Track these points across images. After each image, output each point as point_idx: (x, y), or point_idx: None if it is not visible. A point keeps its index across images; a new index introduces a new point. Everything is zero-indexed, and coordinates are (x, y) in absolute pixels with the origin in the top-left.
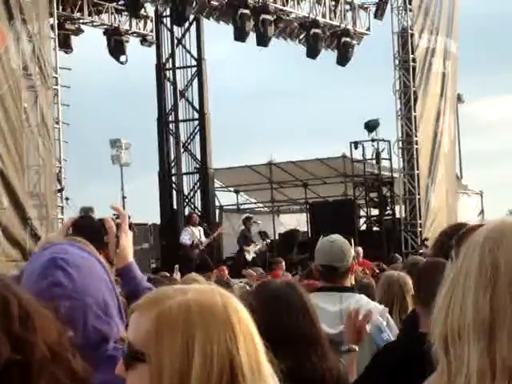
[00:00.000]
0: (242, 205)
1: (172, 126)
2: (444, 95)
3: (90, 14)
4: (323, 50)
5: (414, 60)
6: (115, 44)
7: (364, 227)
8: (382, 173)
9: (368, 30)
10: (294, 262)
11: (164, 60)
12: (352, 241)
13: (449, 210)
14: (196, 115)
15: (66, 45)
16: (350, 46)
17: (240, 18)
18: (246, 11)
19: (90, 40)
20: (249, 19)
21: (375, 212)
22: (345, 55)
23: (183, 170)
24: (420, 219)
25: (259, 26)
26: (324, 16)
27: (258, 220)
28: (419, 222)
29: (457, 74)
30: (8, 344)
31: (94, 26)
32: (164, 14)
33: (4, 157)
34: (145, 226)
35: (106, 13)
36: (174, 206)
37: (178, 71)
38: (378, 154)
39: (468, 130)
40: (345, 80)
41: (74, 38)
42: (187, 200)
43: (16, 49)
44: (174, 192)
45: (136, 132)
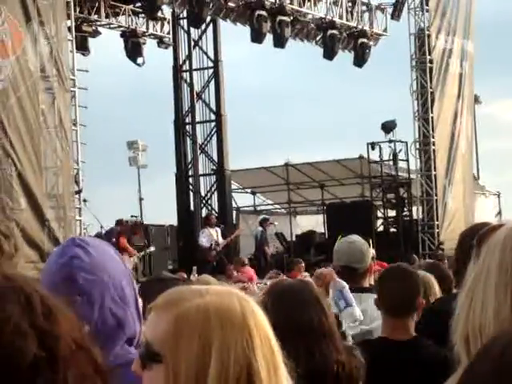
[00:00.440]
0: (259, 206)
1: (189, 128)
2: (461, 96)
3: (107, 16)
4: (340, 51)
5: (431, 61)
6: (132, 46)
7: (381, 228)
8: (399, 174)
9: (385, 30)
10: (311, 263)
11: (181, 62)
12: (370, 241)
13: (466, 211)
14: (213, 117)
15: (83, 47)
16: (366, 47)
17: (257, 20)
18: (263, 12)
19: (107, 42)
20: (266, 20)
21: (392, 213)
22: (362, 56)
23: (200, 171)
24: (437, 220)
25: (276, 27)
26: (341, 17)
27: (274, 221)
28: (436, 223)
29: (473, 75)
30: (36, 339)
31: (111, 28)
32: (181, 15)
33: (22, 158)
34: (162, 227)
35: (123, 15)
36: (191, 208)
37: (194, 73)
38: (395, 155)
39: (485, 130)
40: (362, 81)
41: (91, 40)
42: (204, 201)
43: (33, 51)
44: (190, 193)
45: (153, 134)
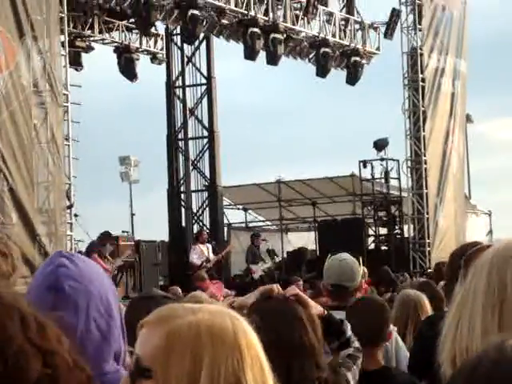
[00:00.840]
0: (251, 222)
1: (181, 144)
2: (453, 115)
3: (100, 32)
4: (333, 69)
5: (423, 80)
6: (125, 62)
7: (372, 246)
8: (391, 192)
9: (378, 49)
10: (302, 280)
11: (174, 78)
12: (360, 259)
13: (457, 230)
14: (205, 133)
15: (76, 62)
16: (359, 65)
17: (250, 37)
18: (256, 30)
19: (101, 57)
20: (259, 38)
21: (384, 231)
22: (354, 74)
23: (192, 187)
24: (428, 239)
25: (269, 44)
26: (334, 35)
27: (266, 238)
28: (427, 241)
29: (466, 94)
30: (40, 357)
31: (105, 44)
32: (174, 32)
33: (13, 173)
34: (153, 243)
35: (116, 30)
36: (183, 224)
37: (187, 89)
38: (386, 173)
39: (477, 150)
40: (354, 99)
41: (84, 55)
42: (196, 217)
43: (26, 65)
44: (182, 209)
45: (145, 149)
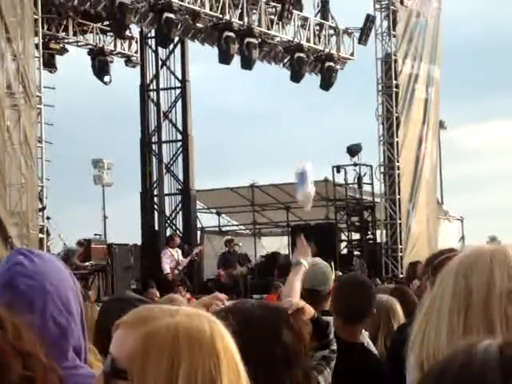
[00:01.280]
0: (224, 227)
1: (155, 147)
2: (426, 121)
3: (74, 34)
4: (307, 74)
5: (397, 86)
6: (99, 64)
7: (345, 251)
8: (364, 197)
9: (352, 55)
10: (275, 284)
11: (148, 81)
12: (332, 264)
13: (429, 236)
14: (179, 136)
15: (50, 64)
16: (333, 70)
17: (225, 41)
18: (231, 34)
19: (75, 60)
20: (233, 42)
21: (356, 236)
22: (328, 80)
23: (165, 190)
24: (401, 244)
25: (244, 49)
26: (308, 40)
27: (239, 242)
28: (400, 246)
29: (439, 101)
30: (19, 360)
31: (79, 46)
32: (149, 35)
33: None
34: (126, 246)
35: (90, 33)
36: (156, 227)
37: (161, 92)
38: (359, 178)
39: (450, 156)
40: (328, 104)
41: (58, 57)
42: (169, 221)
43: (0, 67)
44: (155, 213)
45: (119, 152)
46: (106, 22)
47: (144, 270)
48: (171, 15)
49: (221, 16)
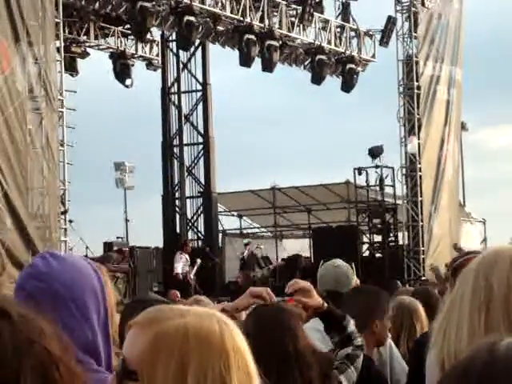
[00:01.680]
0: (245, 229)
1: (176, 150)
2: (448, 123)
3: (96, 38)
4: (328, 76)
5: (418, 87)
6: (121, 67)
7: (367, 253)
8: (386, 199)
9: (373, 56)
10: None
11: (169, 84)
12: (353, 266)
13: (451, 238)
14: (200, 139)
15: (71, 68)
16: (354, 72)
17: (246, 44)
18: (252, 37)
19: (96, 63)
20: (254, 45)
21: (378, 238)
22: (349, 82)
23: (187, 193)
24: (423, 246)
25: (265, 51)
26: (329, 42)
27: (260, 245)
28: (422, 248)
29: (461, 102)
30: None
31: (100, 50)
32: (170, 38)
33: (8, 178)
34: (147, 249)
35: (112, 36)
36: (177, 230)
37: (183, 95)
38: (381, 180)
39: (471, 158)
40: (349, 106)
41: (79, 60)
42: (190, 224)
43: (22, 71)
44: (177, 216)
45: (140, 155)
46: (127, 26)
47: (166, 273)
48: (192, 18)
49: (241, 19)
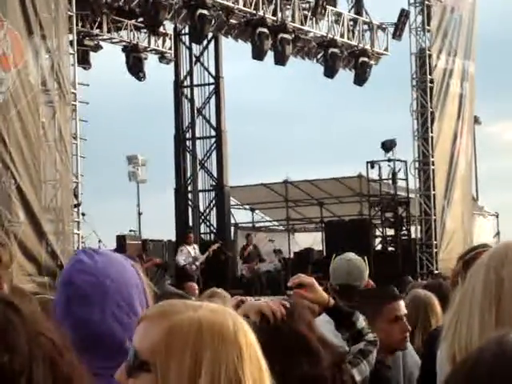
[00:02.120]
0: (258, 223)
1: (189, 143)
2: (461, 116)
3: (109, 31)
4: (341, 70)
5: (431, 81)
6: (134, 61)
7: (379, 247)
8: (398, 193)
9: (386, 50)
10: None
11: (182, 77)
12: (366, 259)
13: (464, 232)
14: (213, 133)
15: (84, 61)
16: (367, 65)
17: (258, 37)
18: (265, 30)
19: (109, 56)
20: (267, 38)
21: (391, 232)
22: (362, 75)
23: (199, 187)
24: (435, 240)
25: (277, 44)
26: (342, 36)
27: (272, 238)
28: (434, 242)
29: (474, 96)
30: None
31: (113, 43)
32: (183, 31)
33: (21, 171)
34: (160, 242)
35: (124, 30)
36: (190, 223)
37: (195, 89)
38: (394, 174)
39: (484, 152)
40: (362, 100)
41: (92, 54)
42: (203, 217)
43: (35, 64)
44: (189, 209)
45: (153, 149)
46: (140, 19)
47: (178, 266)
48: (205, 11)
49: (254, 12)
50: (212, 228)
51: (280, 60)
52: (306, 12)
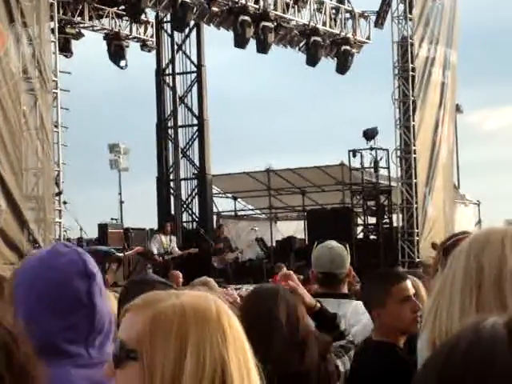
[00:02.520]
0: (240, 211)
1: (171, 132)
2: (443, 105)
3: (90, 19)
4: (323, 58)
5: (413, 69)
6: (115, 49)
7: (361, 235)
8: (380, 181)
9: (368, 38)
10: (291, 269)
11: (164, 65)
12: (347, 247)
13: (446, 220)
14: (195, 121)
15: (66, 49)
16: (349, 54)
17: (240, 25)
18: (247, 18)
19: (90, 44)
20: (249, 26)
21: (372, 220)
22: (344, 63)
23: (181, 175)
24: (417, 228)
25: (259, 32)
26: (324, 24)
27: (255, 227)
28: (416, 231)
29: (456, 84)
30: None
31: (95, 31)
32: (164, 19)
33: (2, 159)
34: (142, 230)
35: (106, 17)
36: (172, 212)
37: (177, 77)
38: (376, 162)
39: (466, 140)
40: (344, 88)
41: (74, 42)
42: (185, 206)
43: (16, 52)
44: (171, 197)
45: (135, 137)
46: (122, 7)
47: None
48: None
49: (236, 0)
50: (194, 216)
51: (262, 48)
52: (287, 0)
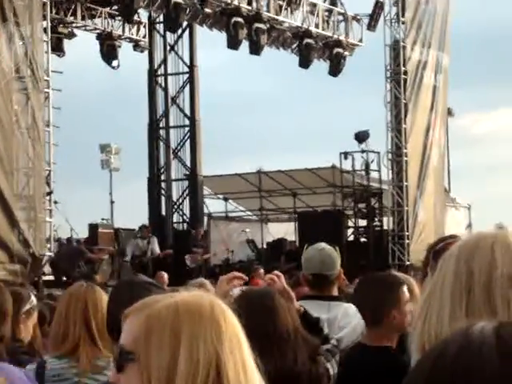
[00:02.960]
0: (231, 212)
1: (163, 132)
2: (434, 108)
3: (83, 18)
4: (315, 60)
5: (405, 72)
6: (108, 49)
7: (352, 238)
8: (371, 184)
9: (360, 41)
10: (282, 270)
11: (156, 66)
12: (337, 249)
13: (436, 223)
14: (187, 122)
15: (58, 48)
16: (342, 56)
17: (233, 26)
18: (240, 19)
19: (83, 44)
20: (242, 27)
21: (363, 223)
22: (337, 66)
23: (173, 176)
24: (408, 231)
25: (252, 34)
26: (317, 26)
27: (246, 228)
28: (407, 233)
29: (448, 88)
30: None
31: (87, 31)
32: (157, 20)
33: None
34: (132, 231)
35: (99, 17)
36: (163, 212)
37: (169, 77)
38: (367, 165)
39: (458, 143)
40: (336, 91)
41: (66, 41)
42: (176, 206)
43: (8, 51)
44: (162, 198)
45: (126, 137)
46: (115, 7)
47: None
48: (180, 0)
49: (229, 1)
50: (185, 217)
51: (255, 50)
52: (280, 2)
